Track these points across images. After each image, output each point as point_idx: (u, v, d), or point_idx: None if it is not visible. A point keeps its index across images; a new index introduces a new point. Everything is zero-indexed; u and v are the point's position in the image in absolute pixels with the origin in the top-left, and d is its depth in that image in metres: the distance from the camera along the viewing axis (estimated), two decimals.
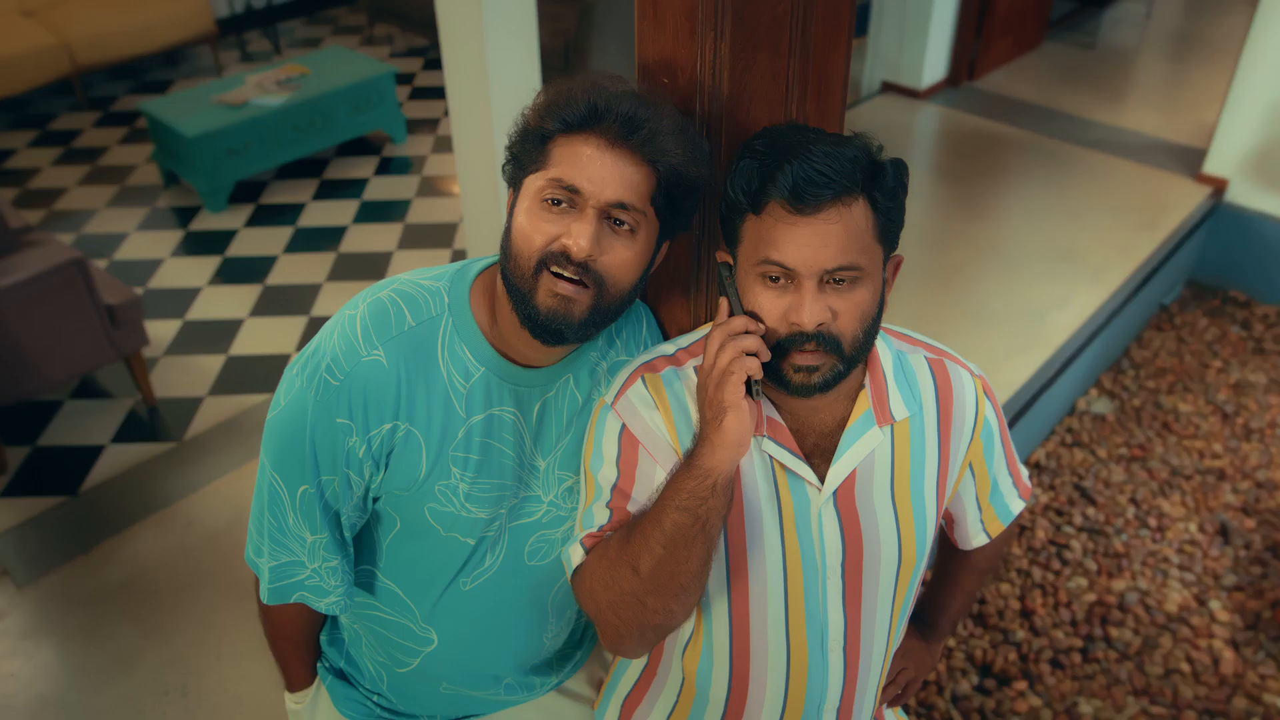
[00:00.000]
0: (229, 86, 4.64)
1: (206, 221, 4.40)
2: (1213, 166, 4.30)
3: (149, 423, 3.28)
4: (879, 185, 1.02)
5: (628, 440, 1.12)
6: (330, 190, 4.65)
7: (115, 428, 3.25)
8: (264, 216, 4.45)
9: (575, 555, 1.15)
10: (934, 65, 5.14)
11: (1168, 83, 5.48)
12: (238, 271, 4.07)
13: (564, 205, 1.05)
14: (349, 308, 1.14)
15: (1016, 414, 3.18)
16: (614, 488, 1.13)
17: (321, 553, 1.18)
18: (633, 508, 1.12)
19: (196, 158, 4.30)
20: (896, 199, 1.04)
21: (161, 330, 3.70)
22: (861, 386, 1.15)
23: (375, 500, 1.19)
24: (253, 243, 4.26)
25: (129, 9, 5.51)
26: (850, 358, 1.05)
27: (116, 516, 2.89)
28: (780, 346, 1.04)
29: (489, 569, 1.23)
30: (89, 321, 3.05)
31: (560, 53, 5.00)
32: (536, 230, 1.06)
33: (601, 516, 1.13)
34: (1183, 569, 3.03)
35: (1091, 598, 2.93)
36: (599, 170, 1.04)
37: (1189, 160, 4.51)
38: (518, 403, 1.17)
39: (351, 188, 4.67)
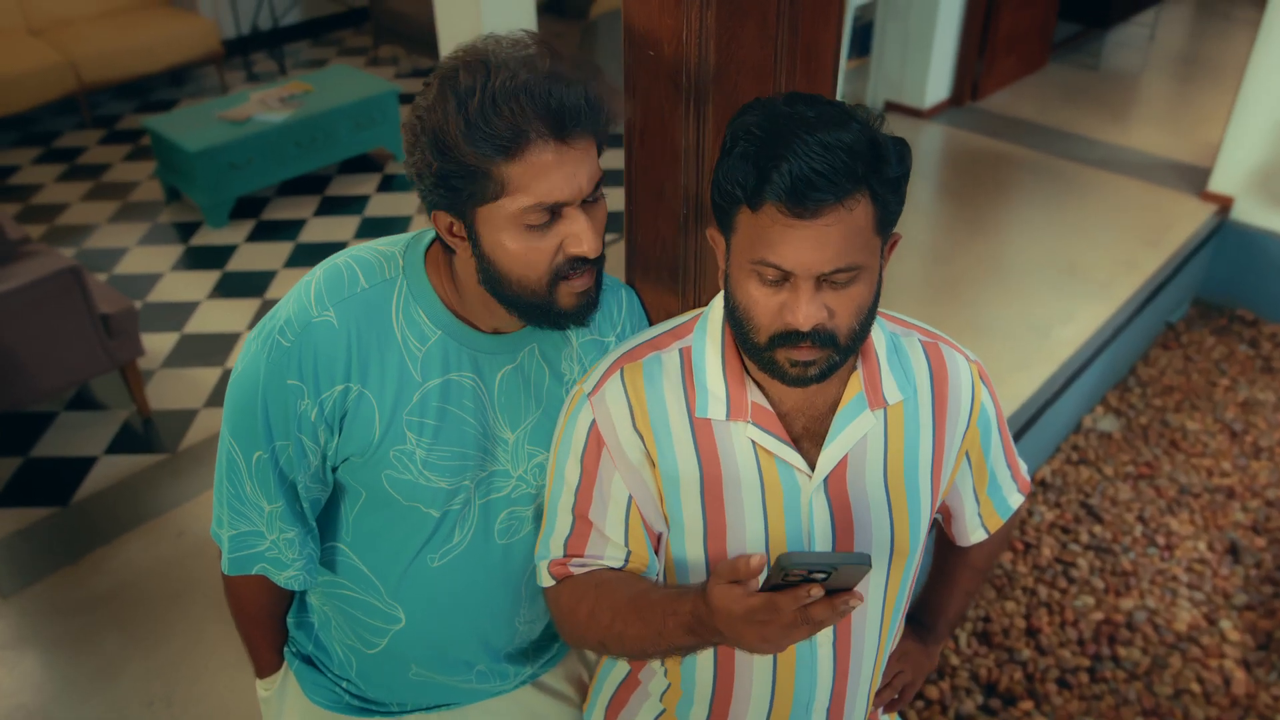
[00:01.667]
0: (232, 103, 4.65)
1: (207, 237, 4.40)
2: (1218, 184, 4.28)
3: (143, 434, 3.25)
4: (879, 177, 0.96)
5: (594, 438, 1.10)
6: (331, 207, 4.65)
7: (109, 439, 3.22)
8: (265, 232, 4.44)
9: (544, 578, 1.16)
10: (937, 85, 5.15)
11: (1172, 103, 5.47)
12: (237, 286, 4.05)
13: (551, 220, 1.02)
14: (308, 275, 1.13)
15: (1021, 429, 3.14)
16: (577, 490, 1.12)
17: (279, 523, 1.15)
18: (593, 516, 1.11)
19: (198, 173, 4.30)
20: (898, 189, 0.98)
21: (159, 343, 3.68)
22: (854, 369, 1.11)
23: (334, 470, 1.17)
24: (253, 258, 4.25)
25: (135, 29, 5.55)
26: (846, 348, 1.02)
27: (107, 526, 2.86)
28: (774, 342, 1.00)
29: (458, 545, 1.19)
30: (84, 330, 3.03)
31: None
32: (537, 250, 1.03)
33: (564, 526, 1.13)
34: (1192, 588, 2.97)
35: (1099, 616, 2.87)
36: (570, 173, 1.00)
37: (1194, 178, 4.49)
38: (476, 369, 1.14)
39: (353, 204, 4.67)
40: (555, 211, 1.01)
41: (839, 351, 1.01)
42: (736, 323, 1.03)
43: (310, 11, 6.77)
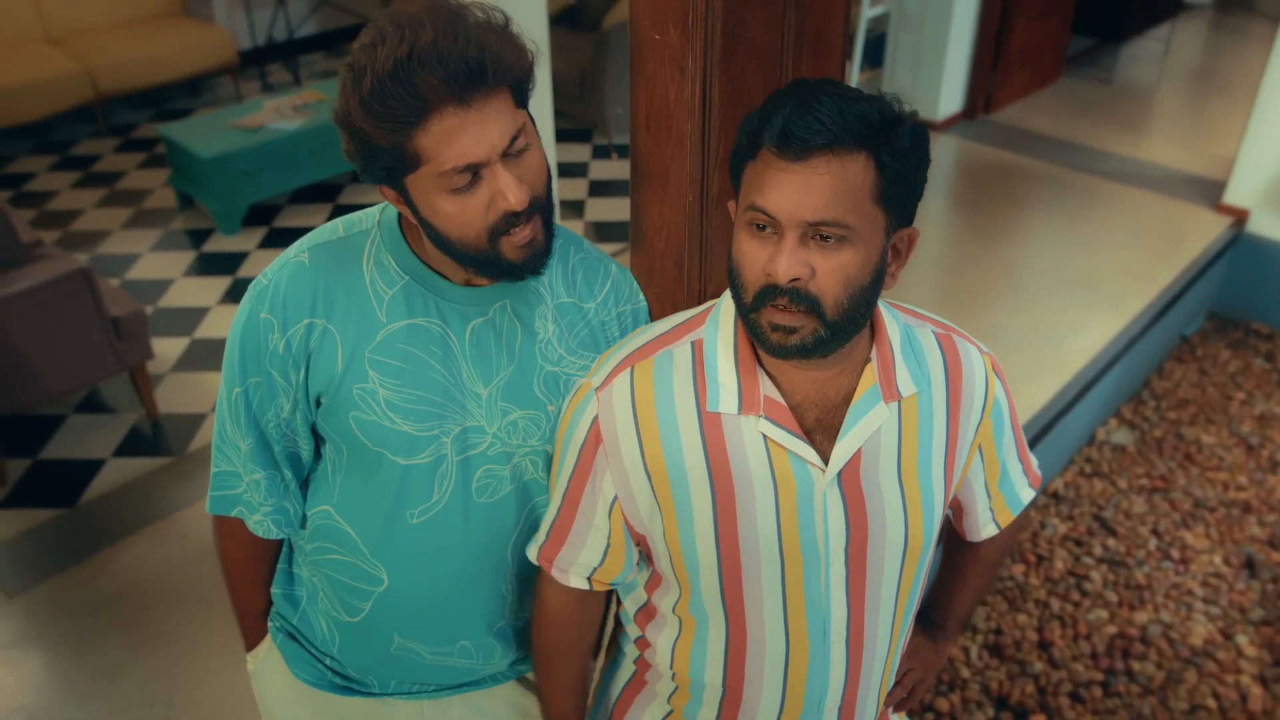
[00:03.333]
0: (246, 111, 4.68)
1: (219, 243, 4.41)
2: (1233, 197, 4.25)
3: (151, 438, 3.25)
4: (887, 145, 0.95)
5: (594, 433, 1.10)
6: (343, 215, 4.65)
7: (117, 442, 3.22)
8: (276, 239, 4.45)
9: (533, 554, 1.21)
10: (950, 98, 5.14)
11: (1186, 116, 5.45)
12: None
13: (472, 179, 1.03)
14: None
15: (1033, 440, 3.10)
16: (570, 478, 1.14)
17: (250, 464, 1.20)
18: (582, 506, 1.14)
19: (211, 180, 4.32)
20: (907, 162, 0.97)
21: (169, 348, 3.69)
22: (867, 360, 1.09)
23: (314, 425, 1.20)
24: (264, 264, 4.23)
25: (152, 39, 5.59)
26: (834, 325, 0.99)
27: (112, 528, 2.85)
28: (758, 300, 0.99)
29: (437, 503, 1.19)
30: (93, 332, 3.04)
31: (575, 82, 5.03)
32: (467, 210, 1.04)
33: (552, 512, 1.17)
34: (1207, 602, 2.93)
35: (1112, 630, 2.83)
36: (478, 133, 0.99)
37: (1209, 191, 4.46)
38: (442, 317, 1.16)
39: None
40: (475, 171, 1.02)
41: (826, 326, 0.98)
42: (732, 286, 1.03)
43: (325, 23, 6.82)
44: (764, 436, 1.06)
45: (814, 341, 0.99)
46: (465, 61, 0.97)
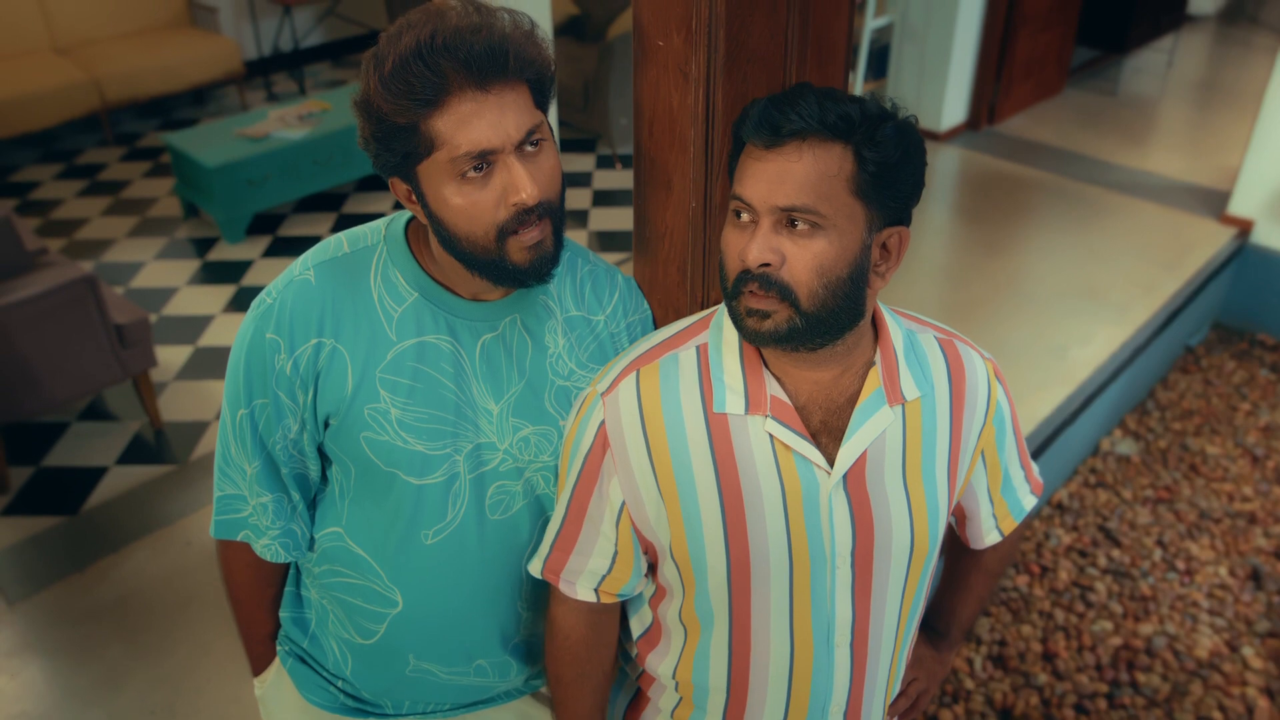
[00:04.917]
0: (251, 120, 4.69)
1: (224, 252, 4.42)
2: (1237, 208, 4.25)
3: (154, 445, 3.25)
4: (867, 139, 0.95)
5: (600, 439, 1.10)
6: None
7: (120, 449, 3.22)
8: (281, 248, 4.46)
9: (536, 568, 1.19)
10: (953, 108, 5.14)
11: (1190, 127, 5.45)
12: (252, 301, 4.06)
13: (484, 169, 1.02)
14: None
15: (1038, 450, 3.10)
16: (575, 486, 1.13)
17: (257, 487, 1.18)
18: (589, 513, 1.13)
19: (216, 188, 4.33)
20: (890, 158, 0.96)
21: (173, 356, 3.69)
22: (872, 363, 1.09)
23: (321, 446, 1.18)
24: (269, 273, 4.26)
25: (158, 48, 5.62)
26: (810, 315, 0.98)
27: (114, 535, 2.85)
28: (736, 286, 1.01)
29: (452, 522, 1.18)
30: (97, 340, 3.04)
31: (580, 93, 5.04)
32: (477, 204, 1.03)
33: (557, 521, 1.16)
34: (1213, 614, 2.91)
35: (1117, 641, 2.81)
36: (495, 119, 1.00)
37: (1213, 202, 4.45)
38: (453, 333, 1.14)
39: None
40: (489, 161, 1.02)
41: (801, 315, 0.98)
42: (719, 278, 1.04)
43: (331, 34, 6.85)
44: (770, 438, 1.06)
45: (788, 330, 1.00)
46: (488, 47, 0.98)
